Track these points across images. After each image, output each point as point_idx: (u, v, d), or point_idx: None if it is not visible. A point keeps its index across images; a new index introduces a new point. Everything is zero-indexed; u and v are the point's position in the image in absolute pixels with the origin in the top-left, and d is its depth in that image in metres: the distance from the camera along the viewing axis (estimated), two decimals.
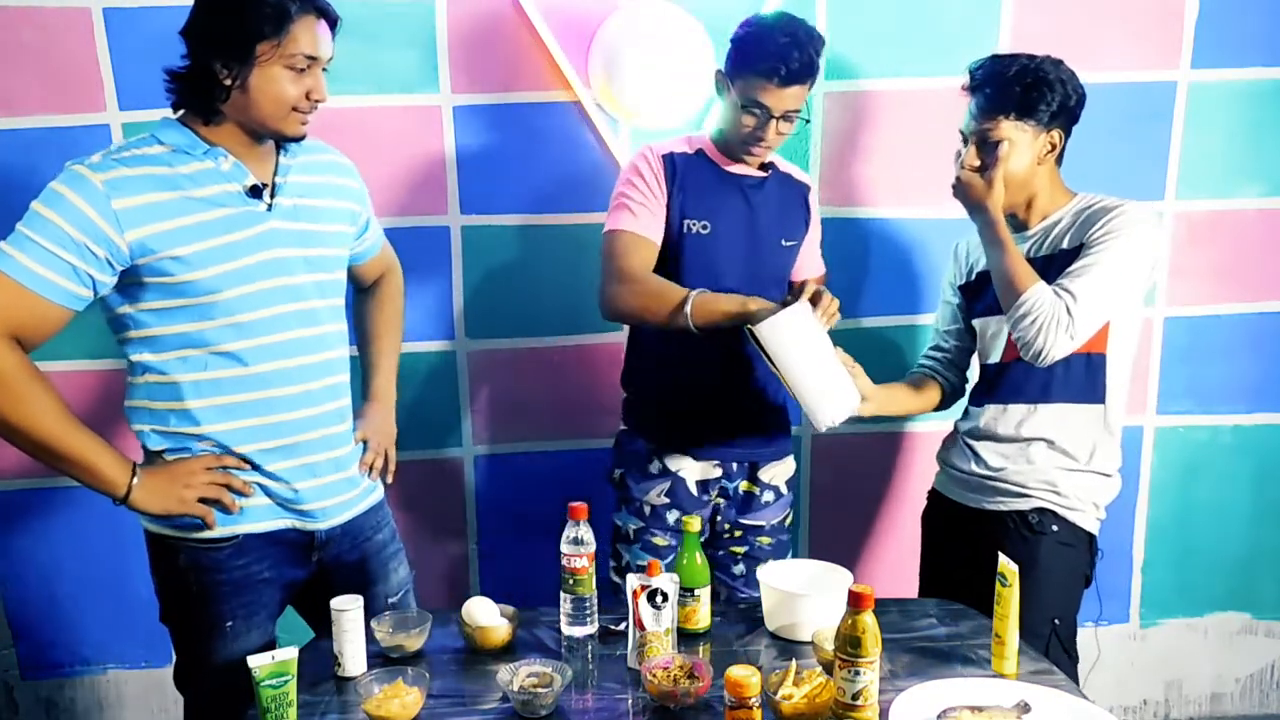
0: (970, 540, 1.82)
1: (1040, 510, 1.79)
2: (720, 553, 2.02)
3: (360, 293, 1.90)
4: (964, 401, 2.00)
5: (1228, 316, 2.46)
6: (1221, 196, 2.40)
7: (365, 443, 1.75)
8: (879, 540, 2.55)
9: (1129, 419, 2.23)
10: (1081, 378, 1.77)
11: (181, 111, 1.53)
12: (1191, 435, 2.51)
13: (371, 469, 1.74)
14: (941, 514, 1.97)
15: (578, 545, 1.49)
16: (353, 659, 1.47)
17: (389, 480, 1.80)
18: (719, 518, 2.01)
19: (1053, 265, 1.73)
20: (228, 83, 1.45)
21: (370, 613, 1.56)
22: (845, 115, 2.32)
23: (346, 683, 1.45)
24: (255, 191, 1.52)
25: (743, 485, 2.01)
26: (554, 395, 2.40)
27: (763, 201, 1.94)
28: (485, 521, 2.46)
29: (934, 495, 2.02)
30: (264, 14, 1.42)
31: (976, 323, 1.92)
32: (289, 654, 1.33)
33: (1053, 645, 1.76)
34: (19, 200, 2.28)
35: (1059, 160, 1.79)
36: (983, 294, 1.87)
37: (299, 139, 1.54)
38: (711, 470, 1.98)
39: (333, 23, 1.51)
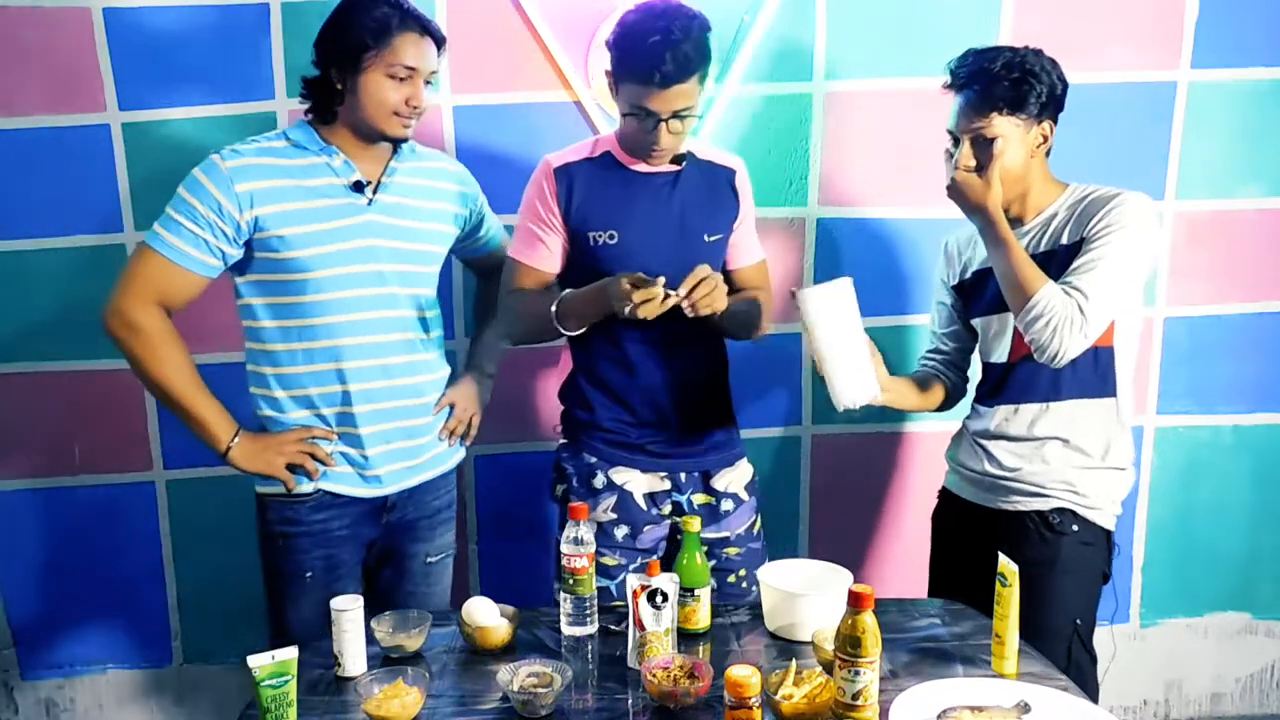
0: (985, 540, 1.77)
1: (1060, 510, 1.76)
2: None
3: (479, 280, 2.13)
4: (968, 399, 1.99)
5: (1228, 316, 2.46)
6: (1221, 196, 2.40)
7: (452, 406, 1.92)
8: (879, 540, 2.55)
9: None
10: (1091, 373, 1.75)
11: (309, 114, 1.76)
12: (1192, 435, 2.51)
13: (452, 434, 1.92)
14: (953, 513, 1.94)
15: (578, 545, 1.49)
16: (353, 659, 1.47)
17: (467, 443, 1.98)
18: (679, 535, 1.80)
19: (1054, 261, 1.71)
20: (339, 87, 1.70)
21: (406, 572, 1.88)
22: (844, 115, 2.32)
23: (346, 683, 1.45)
24: (358, 186, 1.74)
25: (698, 498, 1.90)
26: (554, 395, 2.40)
27: (677, 198, 1.83)
28: (485, 521, 2.46)
29: (945, 494, 1.99)
30: (369, 28, 1.66)
31: (977, 322, 1.90)
32: (289, 654, 1.33)
33: (1074, 646, 1.75)
34: (19, 200, 2.29)
35: (1047, 152, 1.77)
36: (981, 292, 1.85)
37: (402, 140, 1.76)
38: (659, 483, 1.88)
39: (439, 42, 1.74)
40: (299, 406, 1.77)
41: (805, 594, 1.59)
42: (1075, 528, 1.76)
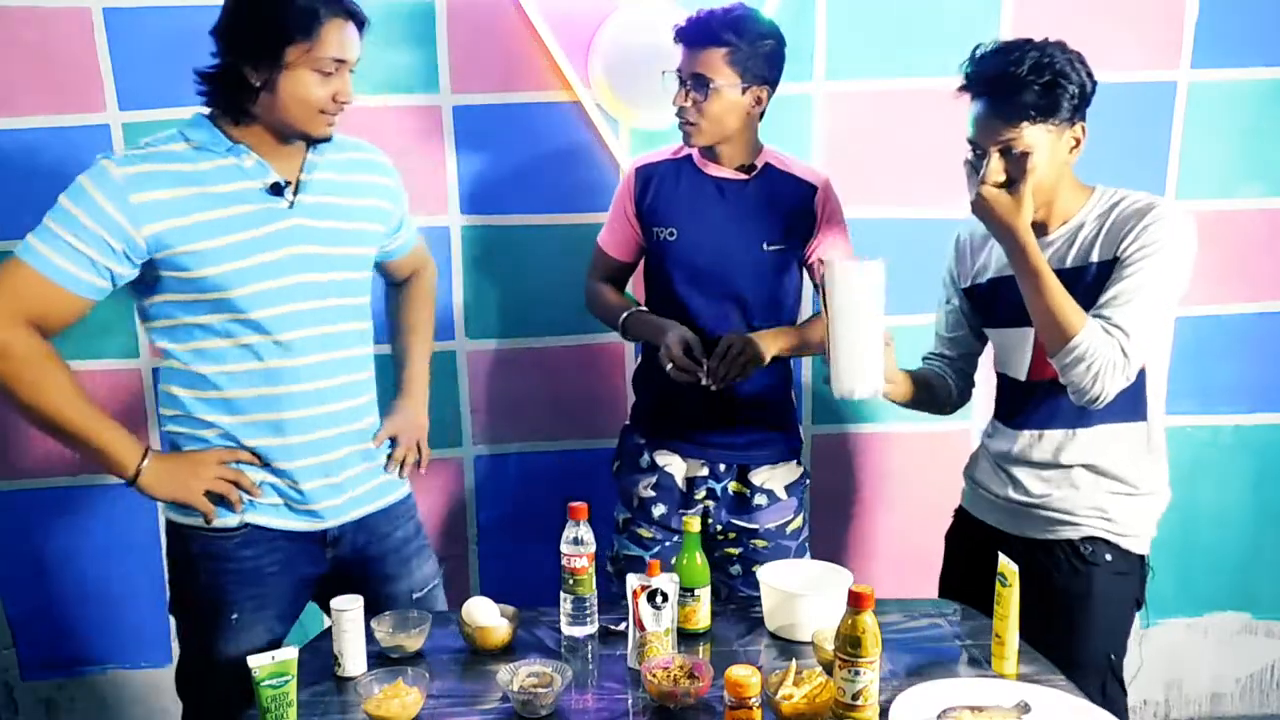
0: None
1: (1091, 539, 1.64)
2: (715, 554, 2.01)
3: (392, 288, 1.90)
4: (974, 407, 1.92)
5: (1229, 316, 2.46)
6: (1221, 196, 2.40)
7: (393, 440, 1.76)
8: (879, 540, 2.55)
9: None
10: (1123, 396, 1.57)
11: (210, 110, 1.54)
12: (1192, 435, 2.51)
13: (402, 466, 1.76)
14: (972, 536, 1.80)
15: (578, 545, 1.49)
16: (353, 659, 1.47)
17: (422, 472, 1.81)
18: (710, 519, 2.00)
19: (1082, 279, 1.57)
20: (256, 85, 1.47)
21: (397, 610, 1.59)
22: (844, 115, 2.32)
23: (346, 683, 1.45)
24: (276, 189, 1.54)
25: (732, 486, 2.00)
26: (554, 395, 2.40)
27: (742, 203, 1.90)
28: (485, 521, 2.46)
29: (962, 515, 1.87)
30: (294, 18, 1.43)
31: (992, 333, 1.78)
32: (289, 654, 1.33)
33: (1109, 681, 1.66)
34: (19, 200, 2.29)
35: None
36: (997, 303, 1.71)
37: (325, 140, 1.56)
38: (698, 469, 1.98)
39: (361, 25, 1.52)
40: (220, 434, 1.56)
41: (805, 594, 1.59)
42: (1108, 557, 1.64)
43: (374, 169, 1.70)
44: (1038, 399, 1.67)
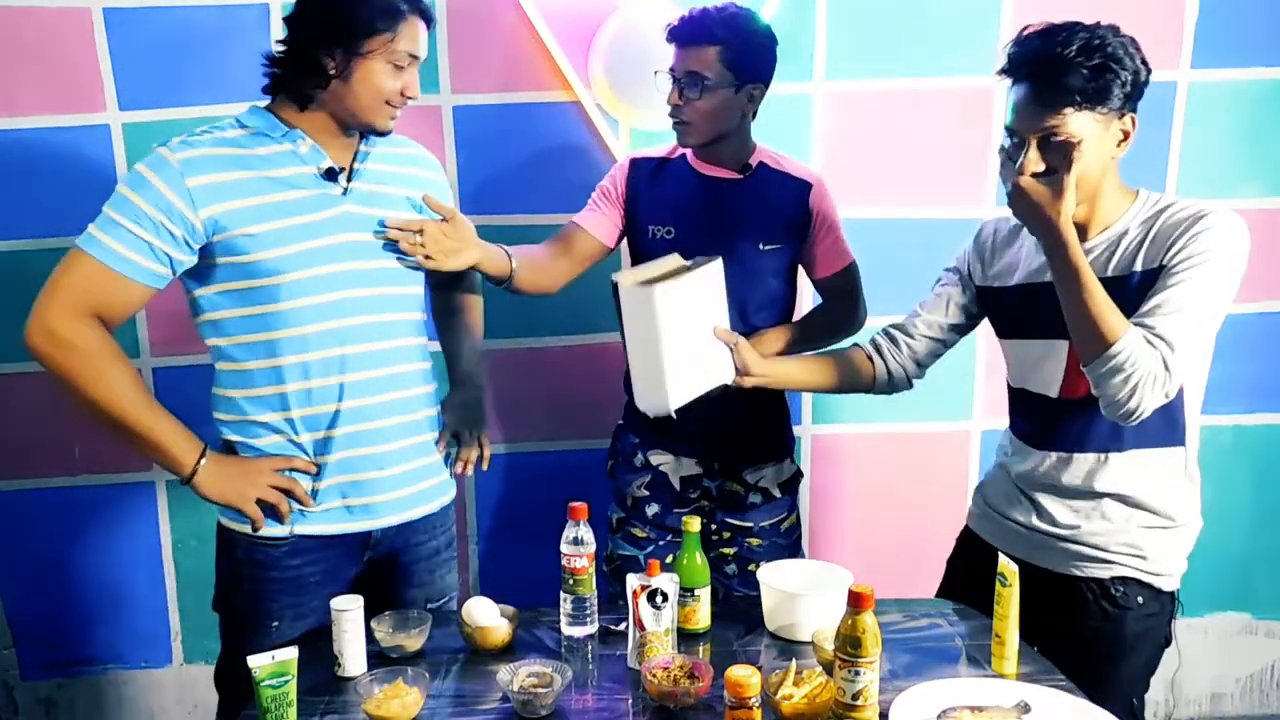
0: (1031, 604, 1.46)
1: (1123, 580, 1.53)
2: (710, 554, 2.00)
3: (437, 287, 1.87)
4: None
5: (1229, 316, 2.44)
6: (1221, 196, 2.40)
7: (456, 438, 1.76)
8: (879, 540, 2.55)
9: None
10: (1159, 418, 1.45)
11: (268, 100, 1.56)
12: None
13: (467, 463, 1.76)
14: (982, 563, 1.60)
15: (578, 545, 1.49)
16: (353, 659, 1.47)
17: (484, 468, 1.80)
18: (704, 519, 1.99)
19: (1124, 289, 1.44)
20: (331, 72, 1.49)
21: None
22: (844, 115, 2.32)
23: (346, 683, 1.45)
24: (331, 174, 1.55)
25: (727, 484, 2.01)
26: (554, 395, 2.40)
27: (738, 204, 1.91)
28: (485, 521, 2.46)
29: (970, 539, 1.75)
30: (379, 10, 1.47)
31: (1014, 344, 1.63)
32: (289, 654, 1.33)
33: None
34: (19, 200, 2.29)
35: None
36: (1028, 312, 1.57)
37: (385, 134, 1.58)
38: (692, 468, 1.99)
39: (430, 24, 1.56)
40: (273, 432, 1.57)
41: (805, 594, 1.58)
42: (1140, 600, 1.53)
43: (423, 164, 1.73)
44: (1069, 418, 1.54)
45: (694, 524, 1.60)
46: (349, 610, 1.45)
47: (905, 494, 2.51)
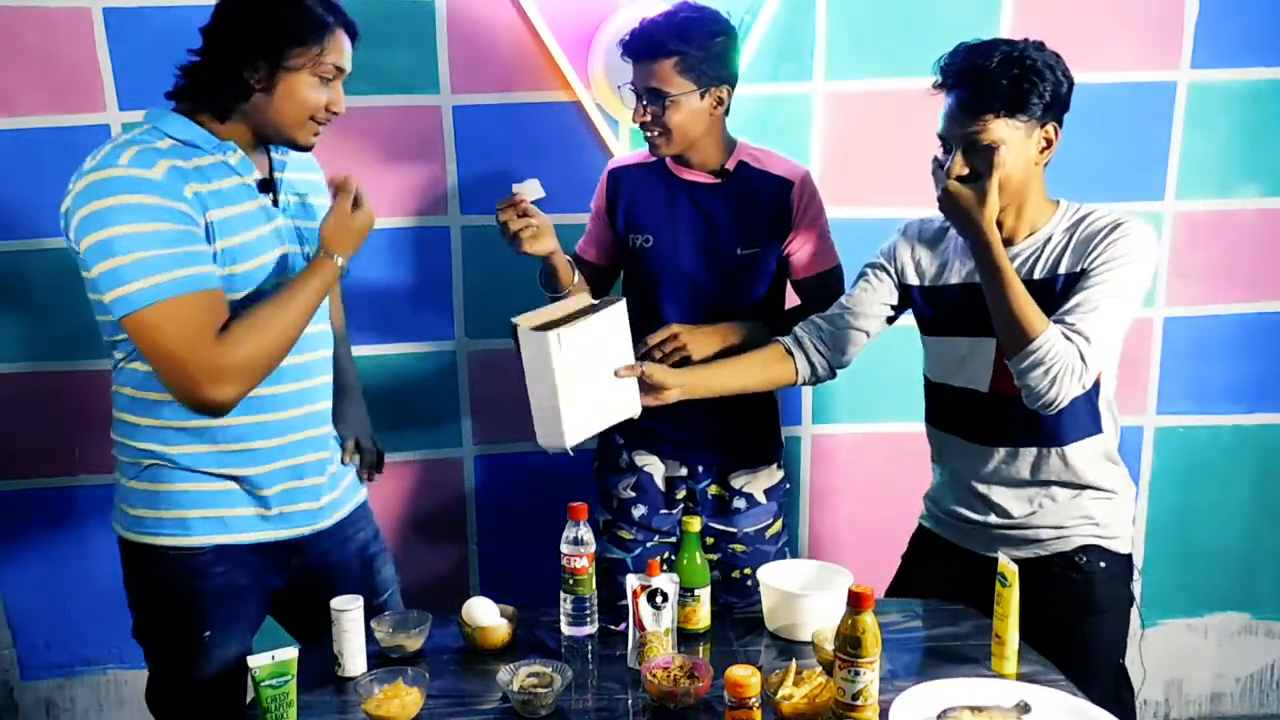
0: (988, 589, 1.52)
1: (1084, 549, 1.63)
2: None
3: None
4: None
5: (1228, 316, 2.46)
6: (1221, 196, 2.40)
7: (358, 444, 1.75)
8: (879, 540, 2.54)
9: (1128, 419, 2.23)
10: (1086, 412, 1.60)
11: (176, 106, 1.50)
12: (1191, 435, 2.51)
13: (371, 470, 1.76)
14: (940, 559, 1.76)
15: (578, 545, 1.49)
16: (353, 659, 1.47)
17: (380, 473, 1.81)
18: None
19: (1049, 291, 1.55)
20: (254, 84, 1.44)
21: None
22: (844, 115, 2.32)
23: (346, 683, 1.45)
24: (265, 186, 1.51)
25: (711, 489, 1.98)
26: None
27: (715, 208, 1.87)
28: (485, 521, 2.46)
29: (925, 536, 1.83)
30: (306, 22, 1.43)
31: (943, 341, 1.70)
32: (289, 654, 1.33)
33: (1122, 686, 1.66)
34: (19, 200, 2.29)
35: (1048, 161, 1.60)
36: (961, 311, 1.65)
37: (308, 149, 1.53)
38: (677, 469, 1.98)
39: (355, 38, 1.52)
40: (197, 441, 1.49)
41: (805, 594, 1.59)
42: (1102, 564, 1.63)
43: (315, 167, 1.68)
44: (1007, 413, 1.61)
45: (694, 524, 1.60)
46: (349, 610, 1.46)
47: (905, 494, 2.50)
